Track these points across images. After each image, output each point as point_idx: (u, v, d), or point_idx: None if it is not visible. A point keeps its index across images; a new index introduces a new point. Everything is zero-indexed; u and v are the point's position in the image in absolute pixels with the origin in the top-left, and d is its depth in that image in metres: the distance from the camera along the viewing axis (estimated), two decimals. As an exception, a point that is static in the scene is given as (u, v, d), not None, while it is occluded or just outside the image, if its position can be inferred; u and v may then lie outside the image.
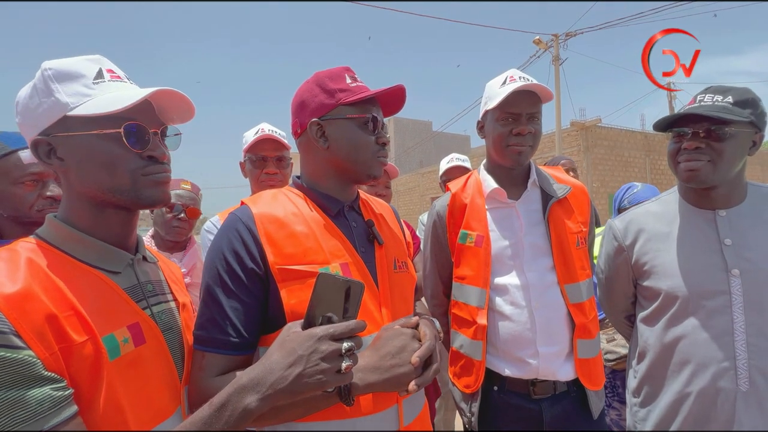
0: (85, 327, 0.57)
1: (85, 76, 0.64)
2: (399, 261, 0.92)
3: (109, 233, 0.68)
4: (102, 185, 0.64)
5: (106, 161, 0.63)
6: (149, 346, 0.65)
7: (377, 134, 0.87)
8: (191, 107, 0.71)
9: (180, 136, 0.74)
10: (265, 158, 1.54)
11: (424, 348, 0.74)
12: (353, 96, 0.84)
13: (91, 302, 0.60)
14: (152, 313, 0.70)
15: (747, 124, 1.00)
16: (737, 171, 1.05)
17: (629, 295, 1.25)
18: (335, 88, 0.85)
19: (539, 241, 1.21)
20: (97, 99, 0.62)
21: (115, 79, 0.67)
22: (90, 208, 0.66)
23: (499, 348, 1.20)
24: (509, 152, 1.20)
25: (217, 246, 0.79)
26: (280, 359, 0.58)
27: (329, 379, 0.58)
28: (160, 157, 0.67)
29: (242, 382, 0.58)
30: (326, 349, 0.58)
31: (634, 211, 1.25)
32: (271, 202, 0.85)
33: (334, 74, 0.87)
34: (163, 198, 0.68)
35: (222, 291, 0.75)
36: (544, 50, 12.05)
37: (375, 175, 0.88)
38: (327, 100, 0.85)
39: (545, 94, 1.20)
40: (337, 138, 0.85)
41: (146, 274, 0.74)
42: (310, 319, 0.62)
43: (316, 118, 0.85)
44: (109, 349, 0.59)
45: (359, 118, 0.84)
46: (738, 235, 1.04)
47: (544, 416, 1.16)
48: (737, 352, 0.99)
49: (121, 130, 0.62)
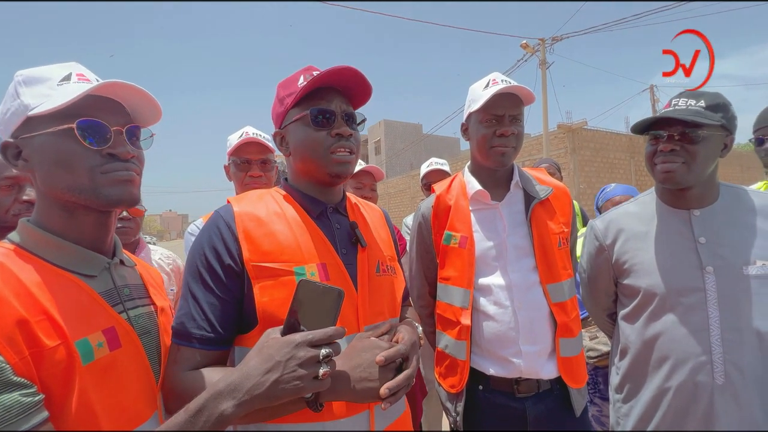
0: (57, 331, 0.57)
1: (51, 79, 0.64)
2: (383, 264, 0.91)
3: (83, 236, 0.67)
4: (61, 184, 0.63)
5: (62, 159, 0.62)
6: (125, 351, 0.65)
7: (332, 127, 0.82)
8: (156, 106, 0.70)
9: (153, 137, 0.73)
10: (249, 161, 1.54)
11: (392, 350, 0.71)
12: (295, 95, 0.82)
13: (65, 306, 0.59)
14: (129, 317, 0.69)
15: (718, 127, 1.04)
16: (710, 172, 1.09)
17: (611, 294, 1.28)
18: (285, 94, 0.86)
19: (522, 242, 1.23)
20: (53, 98, 0.62)
21: (81, 81, 0.66)
22: (60, 211, 0.66)
23: (483, 347, 1.21)
24: (493, 153, 1.22)
25: (198, 242, 0.79)
26: (257, 365, 0.58)
27: (306, 385, 0.58)
28: (121, 155, 0.65)
29: (219, 387, 0.58)
30: (304, 355, 0.58)
31: (615, 211, 1.28)
32: (255, 202, 0.85)
33: (289, 80, 0.87)
34: (125, 197, 0.66)
35: (200, 286, 0.75)
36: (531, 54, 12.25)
37: (336, 171, 0.83)
38: (280, 108, 0.87)
39: (527, 96, 1.22)
40: (292, 143, 0.86)
41: (123, 278, 0.73)
42: (290, 326, 0.62)
43: (277, 128, 0.89)
44: (83, 353, 0.58)
45: (304, 117, 0.82)
46: (712, 233, 1.07)
47: (528, 415, 1.17)
48: (713, 347, 1.01)
49: (74, 125, 0.61)
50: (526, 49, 12.18)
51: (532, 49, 12.15)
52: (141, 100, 0.69)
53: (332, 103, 0.83)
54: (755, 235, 1.04)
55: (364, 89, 0.86)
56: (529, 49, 12.16)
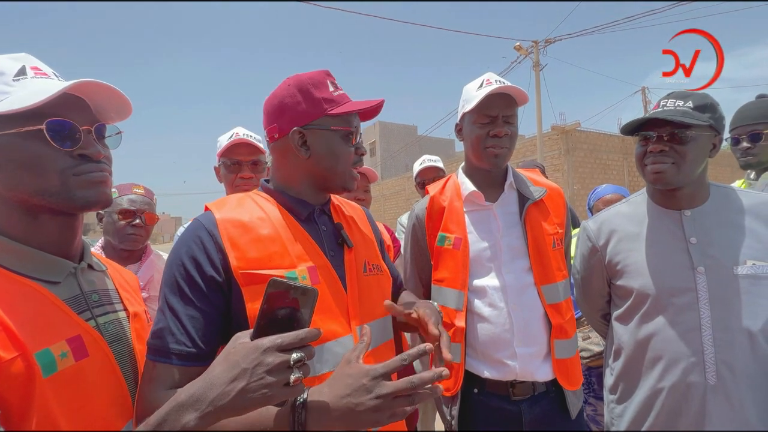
0: (14, 343, 0.53)
1: (5, 74, 0.61)
2: (370, 264, 0.91)
3: (46, 241, 0.64)
4: (28, 188, 0.60)
5: (29, 161, 0.59)
6: (93, 360, 0.61)
7: (356, 146, 0.88)
8: (127, 103, 0.68)
9: (120, 135, 0.70)
10: (239, 162, 1.52)
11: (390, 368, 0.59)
12: (338, 107, 0.83)
13: (23, 316, 0.56)
14: (97, 324, 0.66)
15: (706, 127, 1.05)
16: (700, 172, 1.09)
17: (604, 295, 1.28)
18: (320, 97, 0.83)
19: (516, 243, 1.23)
20: (14, 96, 0.59)
21: (40, 76, 0.63)
22: (21, 215, 0.62)
23: (478, 350, 1.20)
24: (487, 154, 1.21)
25: (176, 253, 0.75)
26: (222, 373, 0.53)
27: (275, 393, 0.53)
28: (93, 156, 0.63)
29: (180, 399, 0.53)
30: (272, 361, 0.52)
31: (607, 212, 1.28)
32: (237, 207, 0.82)
33: (317, 81, 0.84)
34: (100, 199, 0.64)
35: (178, 299, 0.71)
36: (525, 56, 12.34)
37: (349, 188, 0.89)
38: (311, 109, 0.82)
39: (521, 97, 1.22)
40: (318, 148, 0.83)
41: (92, 284, 0.70)
42: (260, 329, 0.56)
43: (298, 126, 0.82)
44: (43, 365, 0.54)
45: (343, 131, 0.84)
46: (702, 233, 1.08)
47: (523, 417, 1.16)
48: (705, 347, 1.01)
49: (44, 126, 0.58)
50: (519, 51, 12.28)
51: (526, 51, 12.25)
52: (108, 97, 0.66)
53: (358, 127, 0.90)
54: (745, 235, 1.05)
55: (372, 115, 0.93)
56: (523, 51, 12.25)
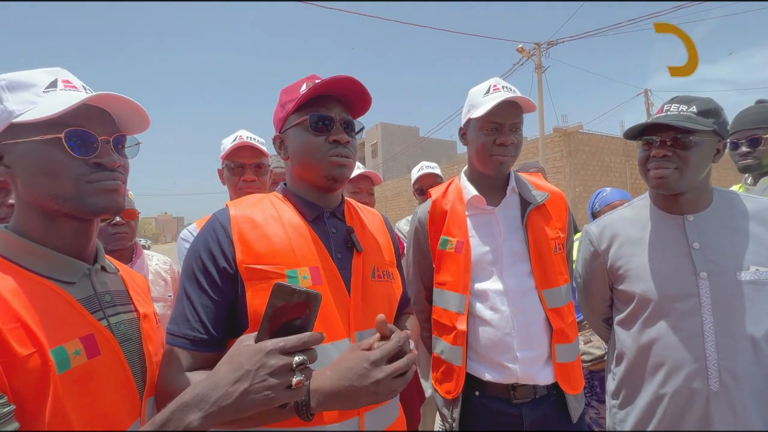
0: (32, 339, 0.55)
1: (36, 86, 0.64)
2: (379, 269, 0.91)
3: (63, 243, 0.67)
4: (45, 192, 0.63)
5: (47, 168, 0.62)
6: (104, 358, 0.64)
7: (330, 133, 0.84)
8: (144, 115, 0.71)
9: (139, 145, 0.73)
10: (243, 165, 1.53)
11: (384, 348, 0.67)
12: (296, 101, 0.84)
13: (41, 314, 0.58)
14: (109, 324, 0.68)
15: (710, 132, 1.04)
16: (703, 177, 1.09)
17: (606, 299, 1.27)
18: (286, 99, 0.87)
19: (518, 247, 1.23)
20: (41, 107, 0.62)
21: (69, 89, 0.66)
22: (40, 217, 0.65)
23: (480, 353, 1.20)
24: (492, 162, 1.22)
25: (195, 245, 0.81)
26: (225, 374, 0.56)
27: (278, 395, 0.54)
28: (108, 165, 0.66)
29: (185, 398, 0.55)
30: (275, 363, 0.54)
31: (609, 216, 1.28)
32: (252, 206, 0.86)
33: (292, 87, 0.89)
34: (111, 206, 0.66)
35: (195, 288, 0.77)
36: (527, 58, 12.33)
37: (332, 175, 0.84)
38: (281, 113, 0.89)
39: (528, 106, 1.23)
40: (291, 147, 0.88)
41: (104, 285, 0.72)
42: (263, 331, 0.58)
43: (277, 132, 0.91)
44: (58, 361, 0.57)
45: (303, 122, 0.84)
46: (705, 238, 1.07)
47: (524, 421, 1.16)
48: (707, 353, 1.01)
49: (62, 135, 0.61)
50: (522, 53, 12.27)
51: (528, 53, 12.24)
52: (130, 110, 0.69)
53: (332, 110, 0.85)
54: (748, 241, 1.04)
55: (363, 100, 0.88)
56: (525, 53, 12.24)
